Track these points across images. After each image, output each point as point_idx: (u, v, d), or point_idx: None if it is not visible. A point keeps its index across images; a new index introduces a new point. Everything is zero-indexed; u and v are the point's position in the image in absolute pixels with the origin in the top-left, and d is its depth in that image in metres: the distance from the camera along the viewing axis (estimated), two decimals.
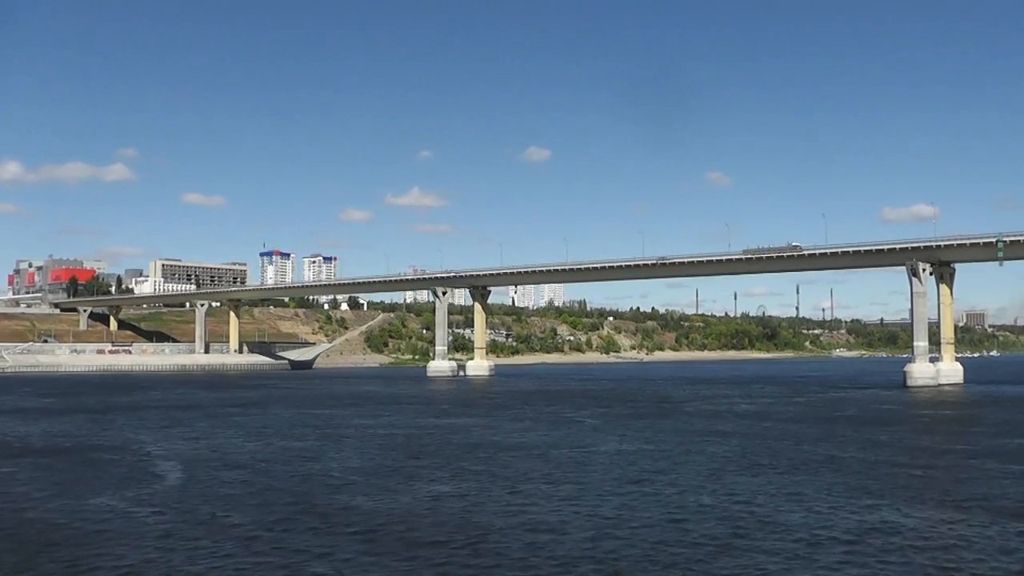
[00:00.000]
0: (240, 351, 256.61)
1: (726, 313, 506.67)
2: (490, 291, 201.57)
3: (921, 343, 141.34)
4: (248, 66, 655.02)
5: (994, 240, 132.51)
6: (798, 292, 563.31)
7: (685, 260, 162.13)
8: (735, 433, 62.88)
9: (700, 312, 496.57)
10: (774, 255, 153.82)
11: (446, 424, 70.59)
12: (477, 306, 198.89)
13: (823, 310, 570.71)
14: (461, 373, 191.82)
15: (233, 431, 66.41)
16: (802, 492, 37.40)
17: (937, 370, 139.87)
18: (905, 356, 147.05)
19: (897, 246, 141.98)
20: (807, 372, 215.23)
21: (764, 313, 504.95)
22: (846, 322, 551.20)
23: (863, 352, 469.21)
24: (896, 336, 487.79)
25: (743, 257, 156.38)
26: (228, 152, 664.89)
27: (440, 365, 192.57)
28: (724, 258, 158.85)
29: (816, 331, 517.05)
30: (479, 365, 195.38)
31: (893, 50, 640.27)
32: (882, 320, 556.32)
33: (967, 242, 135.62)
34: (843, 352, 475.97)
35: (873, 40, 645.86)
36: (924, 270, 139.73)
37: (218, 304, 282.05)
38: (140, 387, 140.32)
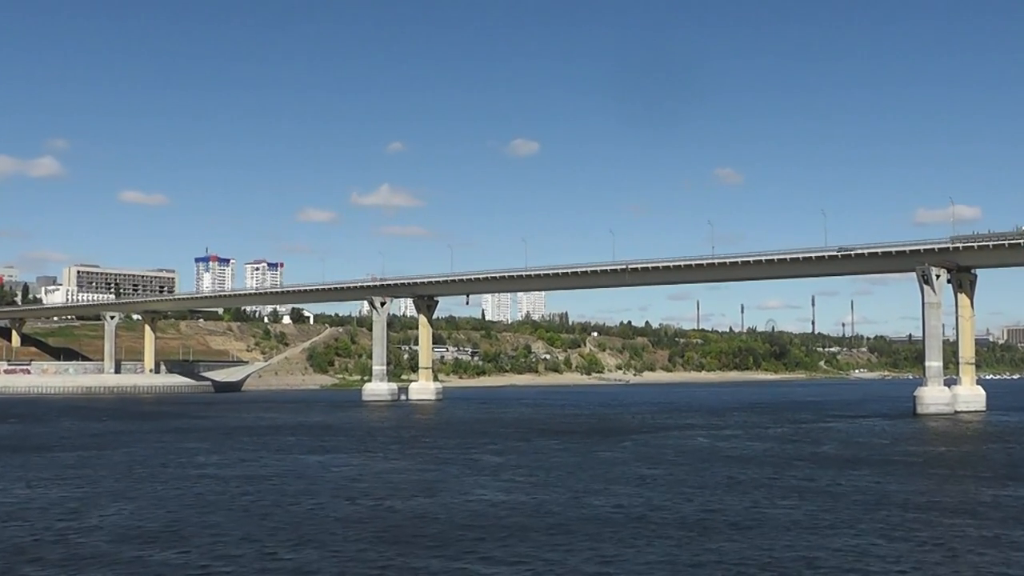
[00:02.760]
0: (156, 371, 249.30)
1: (730, 329, 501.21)
2: (437, 301, 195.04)
3: (934, 363, 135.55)
4: (196, 50, 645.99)
5: (1021, 241, 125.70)
6: (813, 304, 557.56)
7: (652, 265, 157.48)
8: (651, 479, 56.72)
9: (701, 327, 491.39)
10: (751, 260, 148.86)
11: (298, 464, 66.61)
12: (422, 319, 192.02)
13: (842, 325, 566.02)
14: (403, 397, 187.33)
15: (35, 473, 60.05)
16: None
17: (953, 395, 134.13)
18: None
19: (907, 248, 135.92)
20: (809, 397, 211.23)
21: (773, 328, 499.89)
22: (868, 339, 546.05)
23: (885, 373, 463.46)
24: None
25: (715, 262, 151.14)
26: (172, 145, 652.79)
27: (377, 388, 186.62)
28: (694, 263, 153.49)
29: (833, 349, 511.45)
30: (424, 388, 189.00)
31: (930, 46, 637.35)
32: (910, 336, 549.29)
33: (990, 243, 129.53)
34: (862, 373, 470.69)
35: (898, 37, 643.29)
36: (938, 276, 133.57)
37: (138, 317, 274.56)
38: (13, 416, 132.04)
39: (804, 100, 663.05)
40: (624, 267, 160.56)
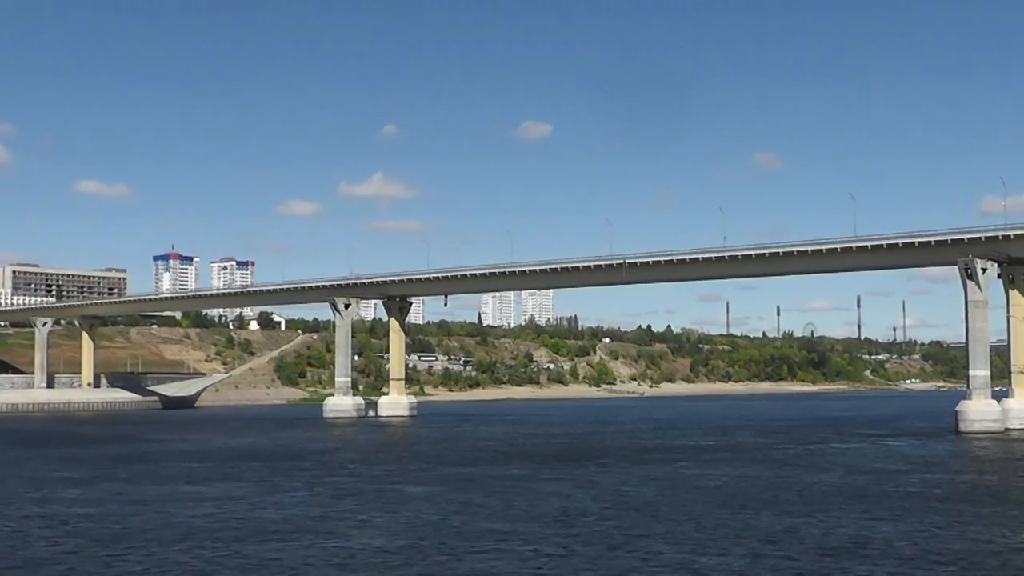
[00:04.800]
0: (96, 384, 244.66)
1: (763, 334, 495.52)
2: (411, 303, 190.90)
3: (979, 372, 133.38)
4: (165, 29, 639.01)
5: None
6: (859, 306, 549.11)
7: (653, 260, 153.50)
8: (562, 526, 51.98)
9: (730, 332, 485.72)
10: (756, 253, 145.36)
11: (167, 497, 63.78)
12: (392, 323, 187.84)
13: (893, 330, 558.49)
14: (371, 413, 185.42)
15: None
16: None
17: (1003, 410, 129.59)
18: (1000, 388, 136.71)
19: (949, 237, 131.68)
20: (842, 412, 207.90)
21: (812, 333, 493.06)
22: (921, 345, 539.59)
23: (940, 384, 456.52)
24: (992, 362, 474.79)
25: (720, 256, 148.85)
26: (136, 129, 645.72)
27: (340, 403, 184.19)
28: (700, 256, 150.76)
29: (881, 356, 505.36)
30: (394, 403, 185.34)
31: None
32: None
33: None
34: (913, 383, 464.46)
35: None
36: (985, 270, 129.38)
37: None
38: None
39: (836, 86, 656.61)
40: (621, 262, 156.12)
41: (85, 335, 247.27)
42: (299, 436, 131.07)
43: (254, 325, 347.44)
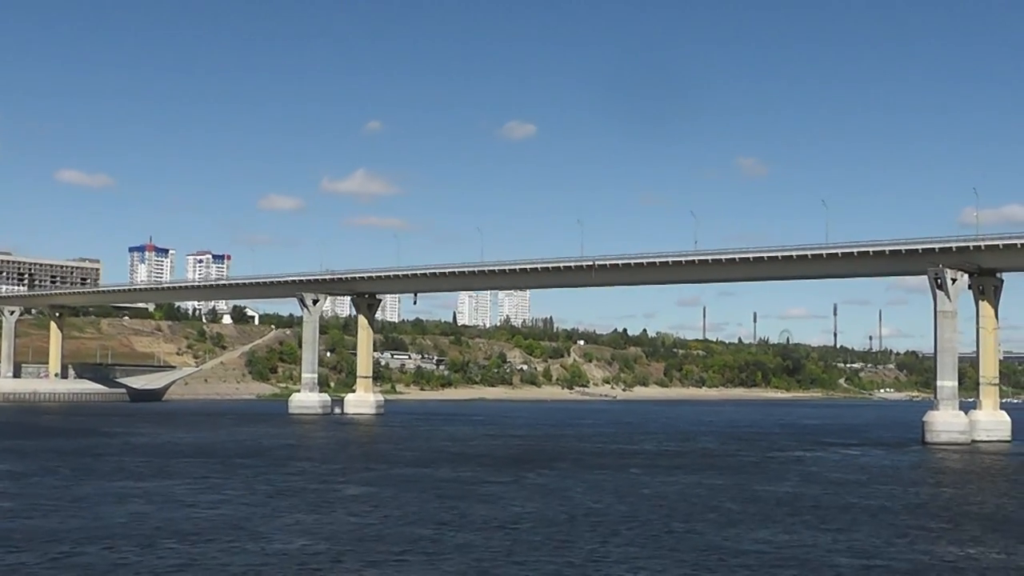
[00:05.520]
0: (64, 375, 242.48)
1: (739, 340, 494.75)
2: (380, 300, 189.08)
3: (948, 383, 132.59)
4: (150, 20, 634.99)
5: None
6: (835, 314, 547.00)
7: (623, 262, 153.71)
8: (480, 529, 50.44)
9: (706, 337, 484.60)
10: (723, 257, 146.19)
11: (93, 493, 61.46)
12: (361, 320, 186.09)
13: (870, 339, 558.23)
14: (337, 410, 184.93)
15: None
16: None
17: (971, 422, 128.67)
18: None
19: (920, 247, 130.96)
20: (810, 420, 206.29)
21: (788, 340, 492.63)
22: (896, 354, 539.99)
23: (914, 394, 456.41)
24: (964, 373, 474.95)
25: (689, 260, 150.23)
26: (120, 120, 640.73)
27: (306, 399, 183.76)
28: (670, 260, 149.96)
29: (856, 365, 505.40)
30: (361, 400, 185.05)
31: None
32: None
33: (1018, 241, 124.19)
34: (887, 393, 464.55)
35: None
36: (954, 280, 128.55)
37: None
38: None
39: (822, 91, 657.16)
40: (592, 263, 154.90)
41: (53, 324, 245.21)
42: (257, 432, 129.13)
43: (227, 319, 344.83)
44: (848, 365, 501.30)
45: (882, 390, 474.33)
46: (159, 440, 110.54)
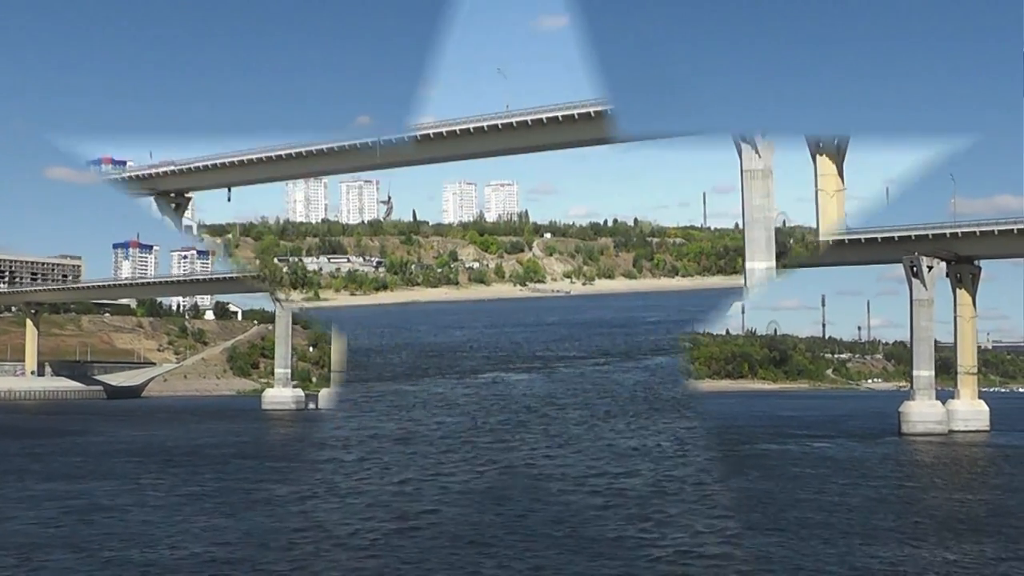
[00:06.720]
0: (40, 373, 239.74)
1: (727, 331, 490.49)
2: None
3: (924, 372, 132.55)
4: (140, 13, 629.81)
5: None
6: (823, 305, 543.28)
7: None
8: None
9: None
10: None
11: None
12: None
13: (859, 329, 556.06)
14: (311, 405, 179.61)
15: None
16: None
17: (948, 411, 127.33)
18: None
19: (896, 234, 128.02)
20: (789, 410, 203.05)
21: (776, 331, 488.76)
22: (885, 344, 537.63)
23: (902, 384, 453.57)
24: (950, 362, 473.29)
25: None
26: (109, 112, 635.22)
27: (279, 395, 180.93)
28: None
29: (844, 355, 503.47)
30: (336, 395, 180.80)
31: None
32: (936, 343, 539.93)
33: (995, 228, 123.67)
34: (875, 383, 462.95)
35: None
36: (930, 268, 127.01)
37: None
38: None
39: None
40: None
41: (29, 321, 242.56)
42: (219, 429, 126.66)
43: (210, 315, 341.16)
44: (836, 356, 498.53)
45: (869, 380, 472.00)
46: (112, 439, 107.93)
